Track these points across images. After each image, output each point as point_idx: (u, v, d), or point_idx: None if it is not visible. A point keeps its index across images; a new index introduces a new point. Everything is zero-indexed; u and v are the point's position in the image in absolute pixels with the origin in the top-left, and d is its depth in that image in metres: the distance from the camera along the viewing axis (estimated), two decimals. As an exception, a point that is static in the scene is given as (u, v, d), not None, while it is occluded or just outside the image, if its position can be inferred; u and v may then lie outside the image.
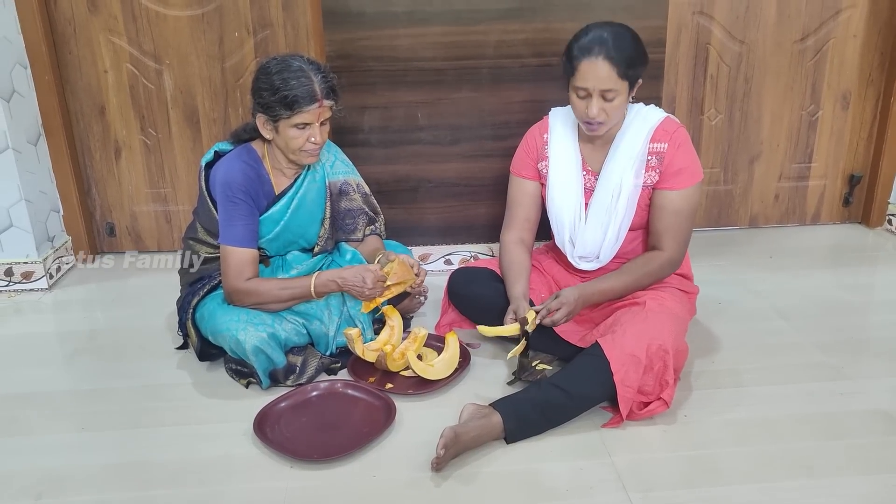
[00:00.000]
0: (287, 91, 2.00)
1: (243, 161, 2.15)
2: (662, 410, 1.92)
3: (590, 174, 2.21)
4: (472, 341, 2.33)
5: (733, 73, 3.03)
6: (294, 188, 2.23)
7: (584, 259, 2.24)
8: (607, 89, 1.98)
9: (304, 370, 2.14)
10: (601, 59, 1.96)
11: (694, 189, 2.11)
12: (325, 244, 2.33)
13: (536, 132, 2.29)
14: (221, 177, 2.13)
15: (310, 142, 2.09)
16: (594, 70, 1.96)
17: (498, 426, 1.84)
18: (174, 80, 2.89)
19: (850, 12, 2.98)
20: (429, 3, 2.54)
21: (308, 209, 2.27)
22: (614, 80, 1.97)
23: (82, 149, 2.98)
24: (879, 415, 1.96)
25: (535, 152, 2.28)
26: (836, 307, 2.57)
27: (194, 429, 1.98)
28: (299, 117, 2.04)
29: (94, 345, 2.45)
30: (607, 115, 2.03)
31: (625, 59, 1.97)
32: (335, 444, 1.85)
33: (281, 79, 2.01)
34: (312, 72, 2.04)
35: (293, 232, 2.26)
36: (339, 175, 2.34)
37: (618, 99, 2.01)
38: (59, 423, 2.02)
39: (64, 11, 2.77)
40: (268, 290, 2.13)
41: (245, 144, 2.21)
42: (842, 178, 3.25)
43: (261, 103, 2.06)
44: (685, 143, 2.10)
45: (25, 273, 2.81)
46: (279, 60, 2.07)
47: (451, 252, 2.89)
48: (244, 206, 2.12)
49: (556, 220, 2.25)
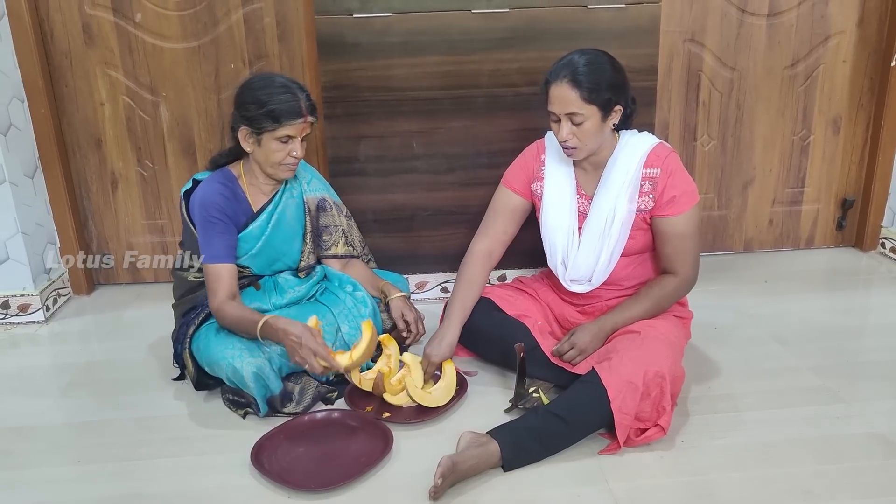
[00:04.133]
0: (274, 105, 2.07)
1: (218, 182, 2.20)
2: (660, 437, 1.92)
3: (583, 198, 2.22)
4: (469, 369, 2.33)
5: (725, 100, 3.06)
6: (273, 204, 2.27)
7: (575, 282, 2.25)
8: (572, 113, 2.01)
9: (302, 398, 2.14)
10: (565, 83, 2.00)
11: (693, 210, 2.13)
12: (309, 259, 2.36)
13: (535, 151, 2.32)
14: (198, 199, 2.17)
15: (291, 156, 2.15)
16: (559, 94, 2.02)
17: (495, 454, 1.83)
18: (170, 112, 2.91)
19: (839, 38, 3.02)
20: (423, 34, 2.56)
21: (289, 224, 2.30)
22: (579, 104, 2.00)
23: (79, 181, 2.99)
24: (877, 438, 1.95)
25: (530, 171, 2.30)
26: (831, 331, 2.57)
27: (191, 460, 1.96)
28: (284, 130, 2.10)
29: (90, 377, 2.44)
30: (578, 139, 2.05)
31: (589, 84, 1.99)
32: (333, 474, 1.84)
33: (266, 93, 2.09)
34: (296, 89, 2.12)
35: (275, 248, 2.29)
36: (315, 192, 2.39)
37: (587, 123, 2.03)
38: (55, 457, 2.00)
39: (60, 45, 2.80)
40: (231, 314, 2.12)
41: (221, 168, 2.26)
42: (834, 203, 3.27)
43: (245, 116, 2.11)
44: (678, 168, 2.12)
45: (22, 306, 2.81)
46: (263, 76, 2.17)
47: (447, 280, 2.89)
48: (220, 224, 2.16)
49: (550, 243, 2.27)
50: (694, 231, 2.14)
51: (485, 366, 2.36)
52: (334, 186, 2.51)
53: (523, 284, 2.42)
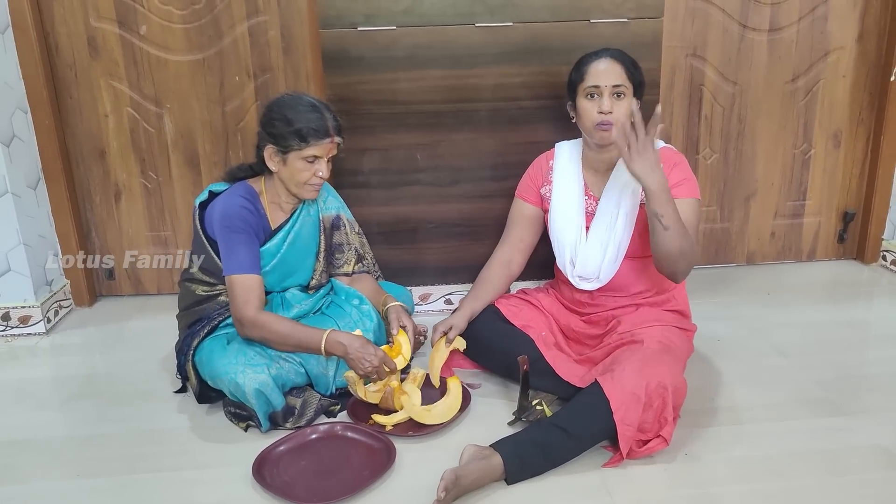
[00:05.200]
0: (302, 124, 2.07)
1: (240, 196, 2.17)
2: (662, 448, 1.91)
3: (591, 199, 2.28)
4: (473, 381, 2.33)
5: (727, 114, 3.07)
6: (290, 222, 2.26)
7: (584, 279, 2.28)
8: (617, 84, 2.14)
9: (304, 412, 2.13)
10: (608, 58, 2.19)
11: (695, 203, 2.16)
12: (321, 277, 2.35)
13: (543, 159, 2.41)
14: (220, 211, 2.15)
15: (316, 176, 2.14)
16: (604, 67, 2.18)
17: (498, 467, 1.83)
18: (175, 124, 2.92)
19: (838, 53, 3.04)
20: (427, 48, 2.58)
21: (304, 242, 2.29)
22: (623, 77, 2.16)
23: (82, 193, 3.00)
24: (880, 451, 1.95)
25: (539, 177, 2.37)
26: (834, 343, 2.57)
27: (192, 473, 1.96)
28: (311, 150, 2.10)
29: (92, 389, 2.43)
30: (618, 114, 2.14)
31: (630, 61, 2.19)
32: (335, 488, 1.83)
33: (295, 112, 2.09)
34: (324, 109, 2.13)
35: (289, 265, 2.27)
36: (331, 210, 2.38)
37: (626, 100, 2.15)
38: (56, 470, 2.00)
39: (65, 57, 2.81)
40: (278, 329, 2.11)
41: (241, 182, 2.24)
42: (836, 216, 3.27)
43: (272, 133, 2.11)
44: (682, 163, 2.20)
45: (23, 317, 2.80)
46: (292, 95, 2.17)
47: (451, 292, 2.89)
48: (244, 235, 2.14)
49: (558, 241, 2.31)
50: (694, 222, 2.16)
51: (488, 377, 2.36)
52: (338, 199, 2.51)
53: (527, 295, 2.43)
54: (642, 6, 2.57)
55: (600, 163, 2.29)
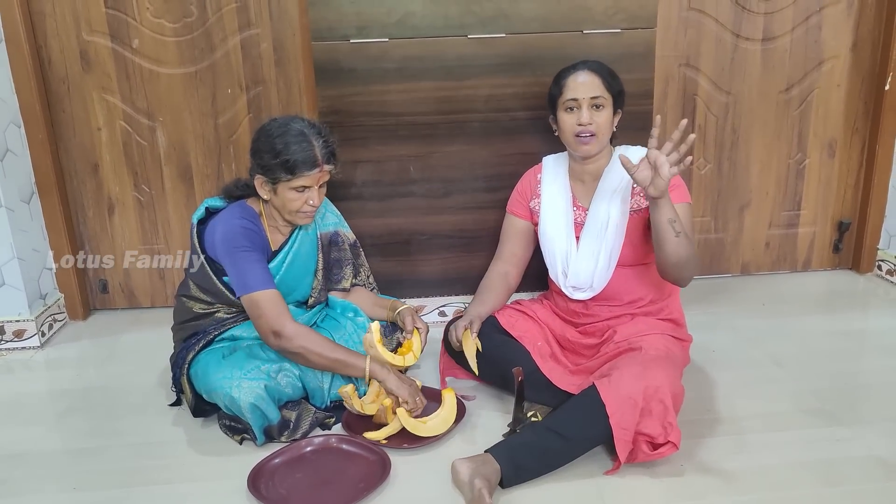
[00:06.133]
0: (288, 156, 2.02)
1: (241, 217, 2.15)
2: (672, 453, 1.88)
3: (580, 209, 2.28)
4: (468, 393, 2.32)
5: (721, 123, 3.07)
6: (289, 243, 2.24)
7: (577, 289, 2.27)
8: (595, 96, 2.14)
9: (299, 425, 2.12)
10: (586, 71, 2.19)
11: (688, 206, 2.16)
12: (319, 295, 2.34)
13: (532, 173, 2.41)
14: (222, 234, 2.12)
15: (308, 204, 2.11)
16: (581, 80, 2.18)
17: (495, 473, 1.82)
18: (167, 137, 2.91)
19: (832, 63, 3.04)
20: (419, 60, 2.58)
21: (302, 261, 2.28)
22: (601, 88, 2.16)
23: (75, 206, 2.99)
24: (876, 461, 1.94)
25: (528, 191, 2.38)
26: (829, 353, 2.57)
27: (188, 486, 1.95)
28: (299, 181, 2.06)
29: (87, 403, 2.42)
30: (597, 126, 2.15)
31: (607, 72, 2.20)
32: (330, 500, 1.83)
33: (283, 142, 2.03)
34: (314, 136, 2.06)
35: (287, 285, 2.25)
36: (329, 227, 2.38)
37: (604, 112, 2.16)
38: (51, 484, 1.99)
39: (58, 71, 2.81)
40: (320, 341, 2.08)
41: (240, 202, 2.21)
42: (831, 225, 3.28)
43: (260, 164, 2.08)
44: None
45: (17, 331, 2.80)
46: (280, 123, 2.09)
47: (445, 304, 2.89)
48: (254, 253, 2.11)
49: (550, 253, 2.31)
50: (691, 227, 2.16)
51: (483, 388, 2.35)
52: (331, 211, 2.51)
53: (522, 306, 2.42)
54: (635, 17, 2.58)
55: (586, 174, 2.30)
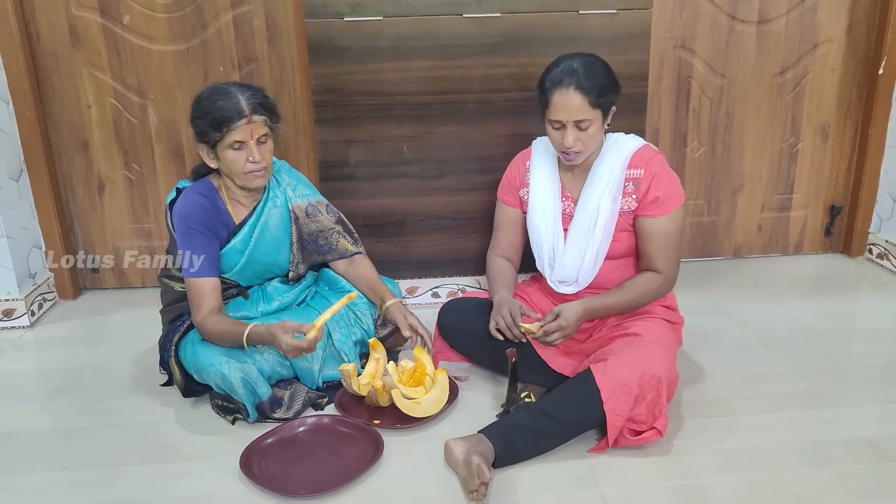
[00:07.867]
0: (214, 112, 2.02)
1: (198, 193, 2.15)
2: (656, 439, 1.91)
3: (569, 200, 2.24)
4: (460, 374, 2.32)
5: (715, 106, 3.07)
6: (254, 216, 2.21)
7: (563, 283, 2.25)
8: (580, 119, 2.02)
9: (292, 404, 2.13)
10: (572, 89, 2.01)
11: (677, 212, 2.13)
12: (298, 268, 2.32)
13: (521, 160, 2.34)
14: (178, 211, 2.13)
15: (249, 161, 2.07)
16: (566, 101, 2.01)
17: (489, 451, 1.83)
18: (158, 115, 2.89)
19: (827, 46, 3.04)
20: (414, 38, 2.56)
21: (273, 235, 2.25)
22: (587, 109, 2.02)
23: (65, 184, 2.96)
24: (865, 442, 1.96)
25: (517, 179, 2.33)
26: (820, 336, 2.58)
27: (179, 466, 1.95)
28: (230, 136, 2.03)
29: (77, 383, 2.41)
30: (583, 143, 2.07)
31: (596, 89, 2.01)
32: (323, 480, 1.83)
33: (209, 102, 2.04)
34: (238, 90, 2.05)
35: (261, 261, 2.24)
36: (303, 198, 2.30)
37: (592, 127, 2.05)
38: (41, 463, 1.98)
39: (46, 46, 2.77)
40: (214, 332, 2.09)
41: (203, 178, 2.21)
42: (823, 209, 3.28)
43: (197, 132, 2.08)
44: (662, 169, 2.13)
45: (6, 311, 2.78)
46: (210, 87, 2.10)
47: (438, 285, 2.89)
48: (200, 237, 2.11)
49: (536, 245, 2.28)
50: (677, 233, 2.14)
51: (476, 370, 2.35)
52: (324, 191, 2.48)
53: (516, 289, 2.41)
54: (631, -3, 2.56)
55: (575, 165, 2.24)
